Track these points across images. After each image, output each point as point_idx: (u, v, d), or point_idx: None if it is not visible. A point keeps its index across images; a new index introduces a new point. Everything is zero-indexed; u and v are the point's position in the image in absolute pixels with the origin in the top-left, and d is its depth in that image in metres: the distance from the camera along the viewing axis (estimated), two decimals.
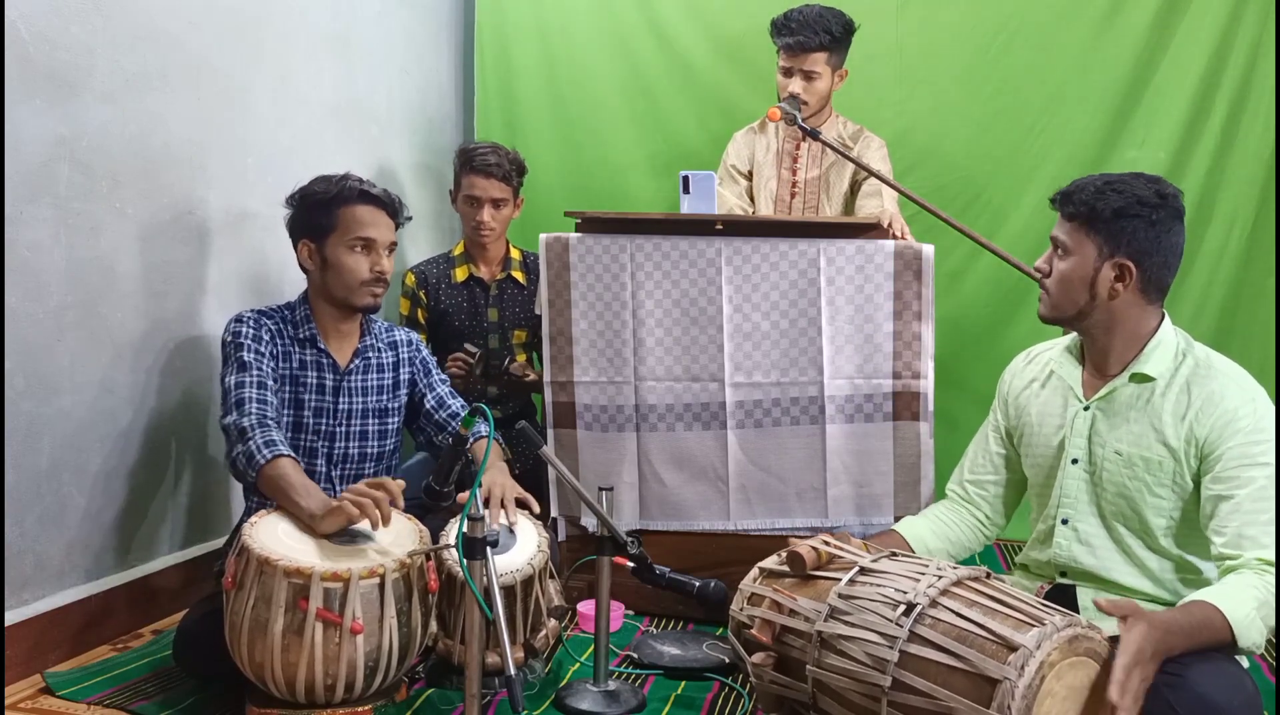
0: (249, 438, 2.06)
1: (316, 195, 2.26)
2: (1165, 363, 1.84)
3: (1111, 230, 1.79)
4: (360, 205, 2.25)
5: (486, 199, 2.94)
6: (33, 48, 2.13)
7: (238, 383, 2.16)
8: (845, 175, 3.08)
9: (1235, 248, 3.16)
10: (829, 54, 2.96)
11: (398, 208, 2.33)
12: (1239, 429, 1.75)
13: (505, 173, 2.94)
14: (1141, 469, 1.83)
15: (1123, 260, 1.80)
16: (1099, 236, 1.80)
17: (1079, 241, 1.82)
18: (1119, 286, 1.81)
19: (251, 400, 2.13)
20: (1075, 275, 1.83)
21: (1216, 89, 3.15)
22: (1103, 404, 1.90)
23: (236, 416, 2.11)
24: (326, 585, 1.82)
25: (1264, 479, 1.72)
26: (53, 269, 2.20)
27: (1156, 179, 1.83)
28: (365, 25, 3.26)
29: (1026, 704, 1.42)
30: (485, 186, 2.93)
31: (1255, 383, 1.82)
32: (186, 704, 2.04)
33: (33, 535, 2.19)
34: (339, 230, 2.24)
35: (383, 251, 2.27)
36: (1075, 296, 1.84)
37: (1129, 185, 1.80)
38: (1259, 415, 1.76)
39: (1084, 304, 1.84)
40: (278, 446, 2.05)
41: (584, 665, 2.23)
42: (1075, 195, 1.83)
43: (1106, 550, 1.89)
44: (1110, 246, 1.80)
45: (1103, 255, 1.81)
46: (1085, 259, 1.82)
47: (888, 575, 1.67)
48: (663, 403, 2.53)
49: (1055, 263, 1.87)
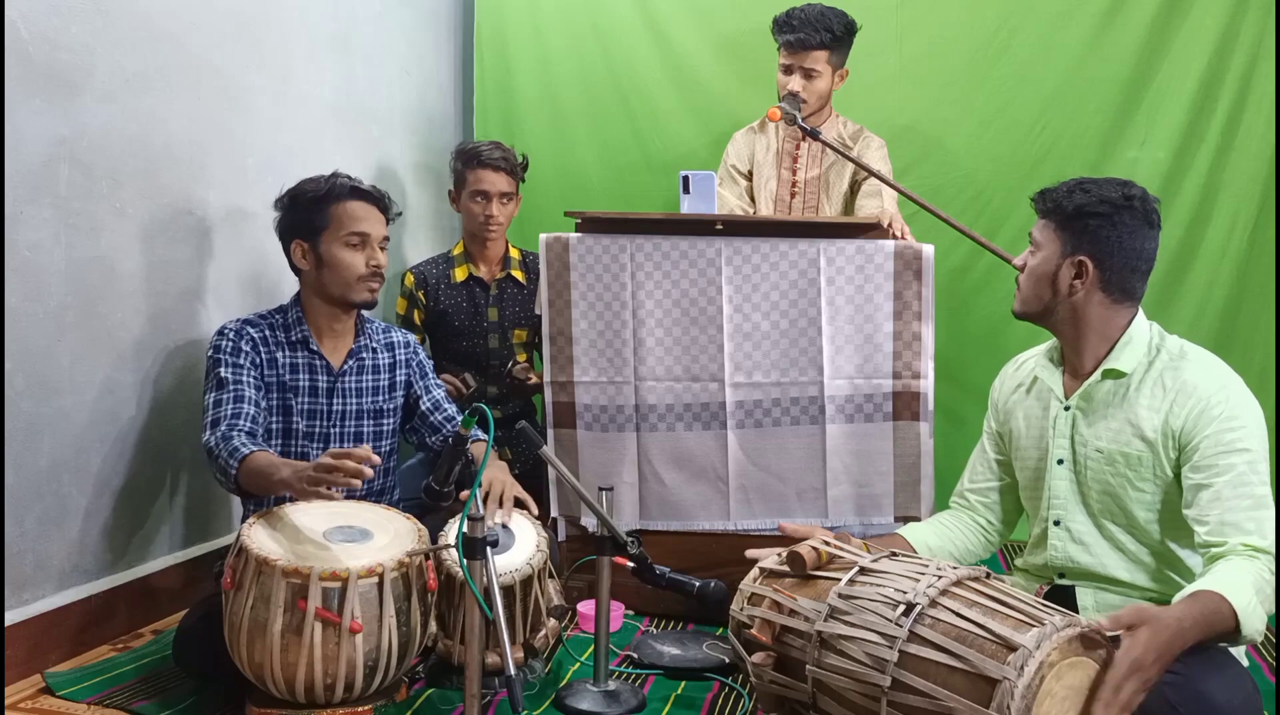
0: (217, 456, 2.08)
1: (308, 194, 2.27)
2: (1137, 357, 1.86)
3: (1074, 228, 1.83)
4: (352, 201, 2.27)
5: (495, 193, 2.97)
6: (33, 48, 2.13)
7: (215, 401, 2.19)
8: (845, 175, 3.08)
9: (1237, 248, 3.15)
10: (830, 53, 2.96)
11: (388, 203, 2.35)
12: (1214, 417, 1.76)
13: (512, 167, 2.99)
14: (1122, 465, 1.85)
15: (1081, 257, 1.83)
16: (1063, 233, 1.85)
17: (1048, 238, 1.88)
18: (1078, 283, 1.85)
19: (224, 417, 2.15)
20: (1040, 270, 1.88)
21: (1218, 88, 3.13)
22: (1082, 403, 1.91)
23: (208, 435, 2.14)
24: (325, 585, 1.82)
25: (1242, 465, 1.73)
26: (53, 269, 2.20)
27: (1127, 183, 1.85)
28: (365, 25, 3.26)
29: (1026, 704, 1.42)
30: (494, 180, 2.96)
31: (1229, 370, 1.83)
32: (186, 704, 2.04)
33: (33, 535, 2.20)
34: (332, 227, 2.25)
35: (377, 246, 2.29)
36: (1040, 292, 1.89)
37: (1097, 186, 1.84)
38: (1232, 402, 1.77)
39: (1048, 300, 1.89)
40: (241, 450, 2.05)
41: (584, 665, 2.23)
42: (1049, 193, 1.88)
43: (1100, 547, 1.90)
44: (1072, 244, 1.84)
45: (1064, 252, 1.85)
46: (1050, 255, 1.87)
47: (888, 575, 1.67)
48: (663, 403, 2.53)
49: (1028, 258, 1.92)
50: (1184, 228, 3.17)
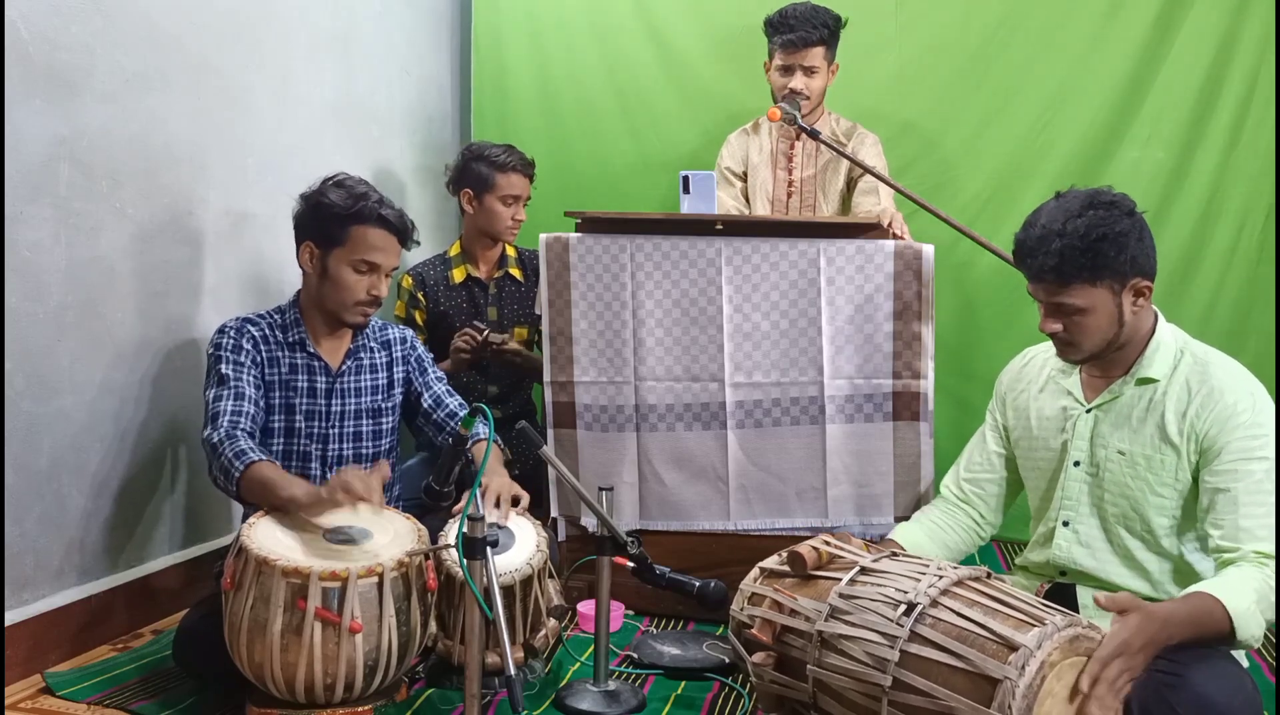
0: (220, 453, 2.07)
1: (334, 207, 2.22)
2: (1166, 363, 1.86)
3: (1116, 267, 1.76)
4: (374, 228, 2.23)
5: (525, 197, 3.03)
6: (33, 48, 2.13)
7: (215, 397, 2.17)
8: (841, 173, 3.08)
9: (1246, 247, 3.11)
10: (826, 48, 2.97)
11: (409, 232, 2.31)
12: (1239, 423, 1.76)
13: (532, 173, 3.06)
14: (1144, 468, 1.84)
15: (1136, 282, 1.79)
16: (1107, 278, 1.77)
17: (1088, 294, 1.78)
18: (1141, 301, 1.81)
19: (225, 413, 2.14)
20: (1103, 322, 1.80)
21: (1222, 86, 3.10)
22: (1105, 406, 1.90)
23: (209, 431, 2.12)
24: (325, 585, 1.82)
25: (1261, 472, 1.73)
26: (53, 269, 2.20)
27: (1092, 199, 1.78)
28: (365, 25, 3.26)
29: (1027, 704, 1.42)
30: (524, 185, 3.03)
31: (1253, 377, 1.83)
32: (186, 704, 2.04)
33: (33, 535, 2.19)
34: (347, 247, 2.22)
35: (384, 275, 2.27)
36: (1106, 336, 1.83)
37: (1067, 216, 1.75)
38: (1258, 409, 1.77)
39: (1114, 335, 1.83)
40: (248, 455, 2.05)
41: (584, 665, 2.23)
42: (1064, 269, 1.75)
43: (1105, 552, 1.90)
44: (1119, 279, 1.77)
45: (1118, 289, 1.78)
46: (1105, 304, 1.79)
47: (888, 575, 1.67)
48: (663, 403, 2.53)
49: (1069, 323, 1.82)
50: (1190, 228, 3.14)
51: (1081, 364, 1.92)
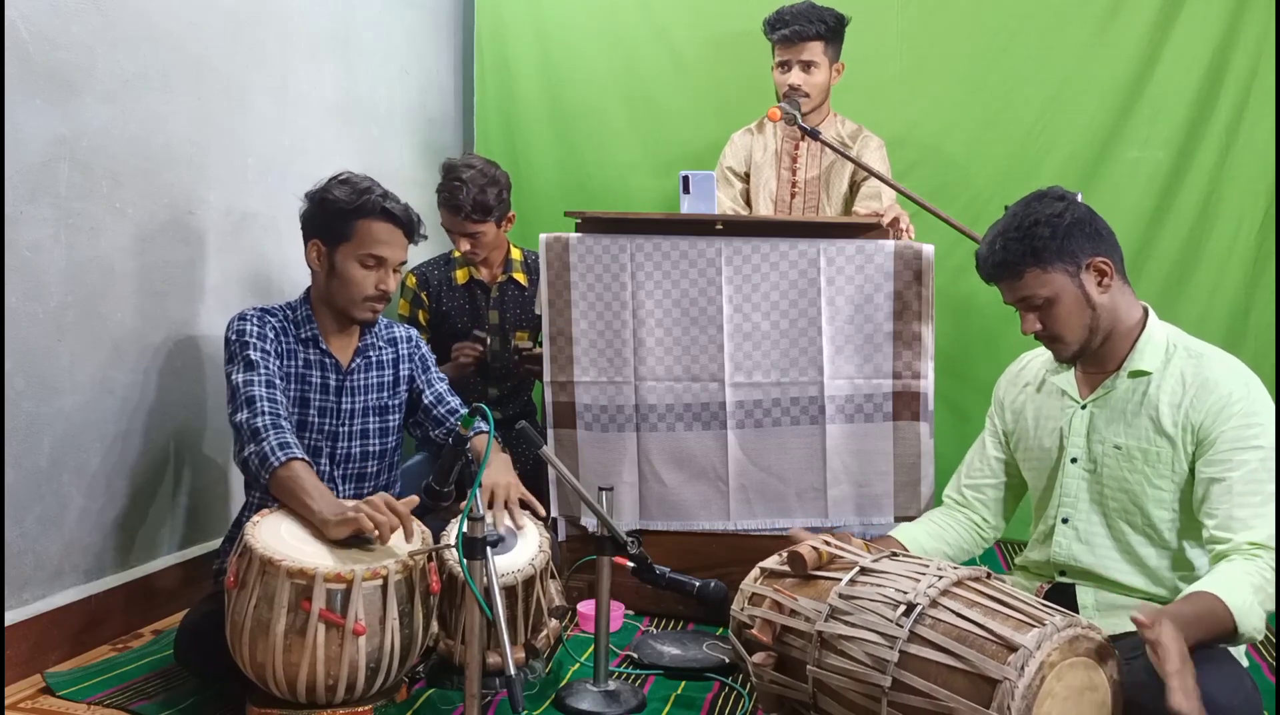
0: (263, 438, 2.05)
1: (339, 203, 2.21)
2: (1158, 356, 1.87)
3: (1059, 248, 1.82)
4: (379, 222, 2.22)
5: (461, 234, 2.89)
6: (33, 48, 2.13)
7: (246, 380, 2.13)
8: (845, 175, 3.08)
9: (1244, 247, 3.12)
10: (825, 44, 2.96)
11: (415, 226, 2.30)
12: (1233, 413, 1.77)
13: (477, 206, 2.82)
14: (1141, 461, 1.85)
15: (1091, 261, 1.84)
16: (1056, 262, 1.83)
17: (1044, 282, 1.84)
18: (1106, 281, 1.85)
19: (262, 398, 2.11)
20: (1072, 307, 1.85)
21: (1220, 87, 3.11)
22: (1100, 401, 1.92)
23: (248, 414, 2.09)
24: (330, 586, 1.82)
25: (1256, 462, 1.74)
26: (53, 269, 2.20)
27: (1027, 199, 1.90)
28: (365, 25, 3.26)
29: (1026, 704, 1.42)
30: (460, 224, 2.87)
31: (1247, 368, 1.84)
32: (187, 704, 2.04)
33: (33, 535, 2.19)
34: (353, 242, 2.22)
35: (391, 269, 2.26)
36: (1082, 320, 1.86)
37: (1027, 211, 1.86)
38: (1252, 399, 1.79)
39: (1090, 320, 1.86)
40: (292, 449, 2.04)
41: (584, 665, 2.23)
42: (1009, 260, 1.85)
43: (1105, 548, 1.91)
44: (1070, 261, 1.83)
45: (1074, 272, 1.84)
46: (1066, 288, 1.84)
47: (888, 575, 1.67)
48: (663, 403, 2.53)
49: (1043, 316, 1.88)
50: (1188, 228, 3.15)
51: (1075, 360, 1.94)
